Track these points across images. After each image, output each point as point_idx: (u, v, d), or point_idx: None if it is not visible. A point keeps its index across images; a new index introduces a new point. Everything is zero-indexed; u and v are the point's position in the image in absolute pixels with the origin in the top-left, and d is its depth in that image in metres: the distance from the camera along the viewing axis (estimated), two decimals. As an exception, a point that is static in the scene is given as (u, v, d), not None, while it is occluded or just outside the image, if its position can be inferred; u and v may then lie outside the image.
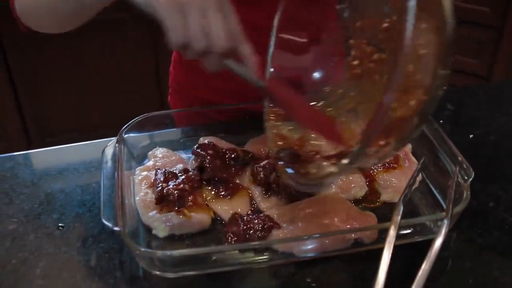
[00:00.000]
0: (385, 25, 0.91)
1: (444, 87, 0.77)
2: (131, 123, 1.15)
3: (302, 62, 1.06)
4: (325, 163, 0.89)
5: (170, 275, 0.93)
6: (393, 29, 0.88)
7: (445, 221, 0.90)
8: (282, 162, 0.96)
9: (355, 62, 1.00)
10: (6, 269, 0.96)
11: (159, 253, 0.95)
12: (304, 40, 1.05)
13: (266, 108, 1.05)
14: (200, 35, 0.77)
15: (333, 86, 1.05)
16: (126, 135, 1.13)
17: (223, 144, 1.17)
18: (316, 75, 1.07)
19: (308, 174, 0.91)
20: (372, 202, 1.08)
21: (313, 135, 1.00)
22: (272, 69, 1.02)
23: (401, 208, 0.93)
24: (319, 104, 1.05)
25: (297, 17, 1.00)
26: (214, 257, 0.94)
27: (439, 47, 0.75)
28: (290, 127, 1.03)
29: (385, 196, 1.08)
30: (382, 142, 0.77)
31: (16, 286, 0.93)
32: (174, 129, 1.24)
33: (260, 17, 1.09)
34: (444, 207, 0.96)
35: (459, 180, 0.98)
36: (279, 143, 1.00)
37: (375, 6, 0.95)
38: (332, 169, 0.85)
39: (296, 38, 1.04)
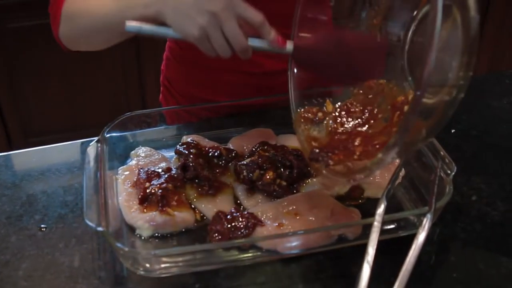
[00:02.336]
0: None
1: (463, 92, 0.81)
2: (113, 122, 1.15)
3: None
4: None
5: (155, 274, 0.92)
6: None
7: (428, 216, 0.90)
8: (319, 161, 0.95)
9: None
10: (-12, 272, 0.95)
11: (143, 252, 0.95)
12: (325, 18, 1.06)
13: (294, 113, 1.07)
14: (224, 47, 0.95)
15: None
16: (108, 135, 1.13)
17: (206, 142, 1.17)
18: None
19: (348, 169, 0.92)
20: (355, 199, 1.08)
21: (340, 129, 1.01)
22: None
23: (385, 203, 0.93)
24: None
25: None
26: (198, 256, 0.94)
27: (464, 44, 0.78)
28: (318, 129, 1.05)
29: (369, 192, 1.08)
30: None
31: (-2, 288, 0.92)
32: (157, 128, 1.23)
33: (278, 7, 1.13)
34: (427, 201, 0.96)
35: (442, 174, 0.99)
36: (313, 144, 1.00)
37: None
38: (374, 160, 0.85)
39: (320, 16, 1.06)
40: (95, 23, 1.08)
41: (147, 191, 1.03)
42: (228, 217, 0.99)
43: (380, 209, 0.91)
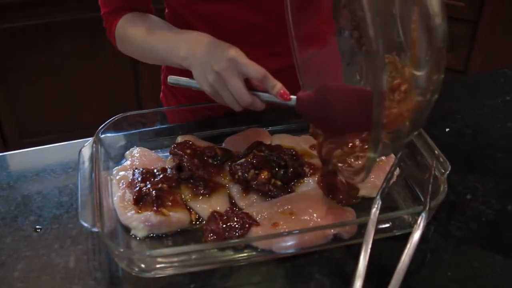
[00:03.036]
0: None
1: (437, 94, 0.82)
2: (108, 123, 1.15)
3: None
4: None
5: (150, 275, 0.92)
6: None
7: (423, 215, 0.91)
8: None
9: None
10: (-17, 273, 0.95)
11: (138, 253, 0.95)
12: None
13: None
14: (231, 101, 1.05)
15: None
16: (103, 135, 1.13)
17: (200, 142, 1.17)
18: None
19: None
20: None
21: None
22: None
23: (379, 202, 0.93)
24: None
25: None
26: (193, 256, 0.94)
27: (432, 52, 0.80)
28: None
29: (363, 191, 1.08)
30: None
31: (-6, 290, 0.92)
32: (151, 128, 1.23)
33: (248, 14, 1.20)
34: (422, 200, 0.97)
35: (436, 173, 0.99)
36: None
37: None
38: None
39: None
40: (144, 53, 1.22)
41: (142, 191, 1.03)
42: (223, 217, 0.99)
43: (375, 208, 0.92)
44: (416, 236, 0.88)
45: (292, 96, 1.03)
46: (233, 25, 1.22)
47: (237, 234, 0.96)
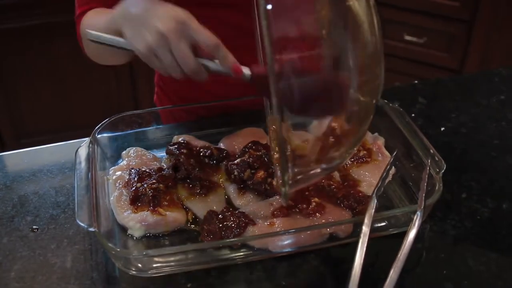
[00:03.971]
0: None
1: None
2: (104, 123, 1.15)
3: None
4: None
5: (147, 274, 0.93)
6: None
7: (418, 213, 0.91)
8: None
9: None
10: (-20, 273, 0.95)
11: (135, 252, 0.95)
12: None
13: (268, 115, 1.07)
14: (173, 67, 0.95)
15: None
16: (99, 135, 1.13)
17: (197, 142, 1.17)
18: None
19: None
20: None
21: None
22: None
23: (375, 201, 0.93)
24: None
25: None
26: (190, 255, 0.94)
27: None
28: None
29: (359, 190, 1.08)
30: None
31: (-10, 290, 0.92)
32: (148, 128, 1.23)
33: (238, 18, 1.15)
34: (418, 199, 0.97)
35: (432, 172, 0.99)
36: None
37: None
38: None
39: None
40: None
41: (139, 191, 1.03)
42: (220, 216, 0.99)
43: (371, 207, 0.92)
44: (411, 234, 0.89)
45: (245, 71, 0.95)
46: (225, 30, 1.17)
47: (233, 233, 0.97)
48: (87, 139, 1.11)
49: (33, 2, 2.53)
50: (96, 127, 1.13)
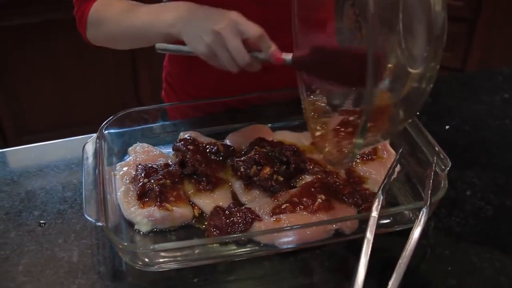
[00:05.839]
0: None
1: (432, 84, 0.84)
2: (111, 119, 1.15)
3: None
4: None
5: (154, 269, 0.93)
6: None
7: (424, 210, 0.92)
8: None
9: None
10: (-12, 267, 0.96)
11: (142, 247, 0.96)
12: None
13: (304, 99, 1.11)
14: (230, 63, 1.03)
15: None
16: (106, 131, 1.13)
17: (203, 138, 1.18)
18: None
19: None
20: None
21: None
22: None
23: (381, 198, 0.94)
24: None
25: None
26: (197, 251, 0.95)
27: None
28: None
29: (365, 187, 1.09)
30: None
31: (-2, 284, 0.93)
32: (154, 124, 1.24)
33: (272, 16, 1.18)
34: (423, 196, 0.98)
35: (437, 169, 1.00)
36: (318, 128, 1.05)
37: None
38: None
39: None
40: (122, 31, 1.19)
41: (146, 186, 1.03)
42: (226, 212, 1.00)
43: (376, 204, 0.93)
44: (417, 231, 0.89)
45: (286, 57, 1.03)
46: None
47: (239, 229, 0.97)
48: (94, 135, 1.11)
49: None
50: (103, 123, 1.14)
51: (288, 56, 1.04)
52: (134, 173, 1.08)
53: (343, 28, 1.04)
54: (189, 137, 1.15)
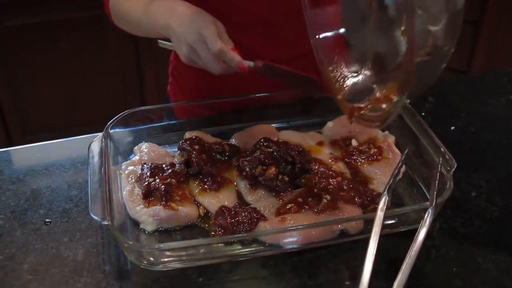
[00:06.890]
0: None
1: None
2: (117, 118, 1.16)
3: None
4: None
5: (159, 268, 0.93)
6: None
7: (430, 211, 0.92)
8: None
9: None
10: (-7, 265, 0.96)
11: (147, 246, 0.96)
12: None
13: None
14: (208, 69, 1.09)
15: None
16: (112, 130, 1.13)
17: (208, 138, 1.18)
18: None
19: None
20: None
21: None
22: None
23: (387, 198, 0.94)
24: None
25: None
26: (202, 250, 0.95)
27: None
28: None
29: (370, 188, 1.09)
30: None
31: (4, 282, 0.93)
32: (160, 124, 1.24)
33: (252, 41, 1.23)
34: (428, 197, 0.98)
35: (442, 170, 1.00)
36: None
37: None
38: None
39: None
40: (132, 26, 1.25)
41: (151, 186, 1.03)
42: (231, 211, 1.00)
43: (382, 204, 0.93)
44: (422, 232, 0.89)
45: (249, 64, 1.07)
46: (237, 14, 1.23)
47: (245, 228, 0.97)
48: (99, 134, 1.12)
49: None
50: (109, 122, 1.14)
51: (251, 63, 1.07)
52: (139, 172, 1.08)
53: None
54: (194, 137, 1.15)
